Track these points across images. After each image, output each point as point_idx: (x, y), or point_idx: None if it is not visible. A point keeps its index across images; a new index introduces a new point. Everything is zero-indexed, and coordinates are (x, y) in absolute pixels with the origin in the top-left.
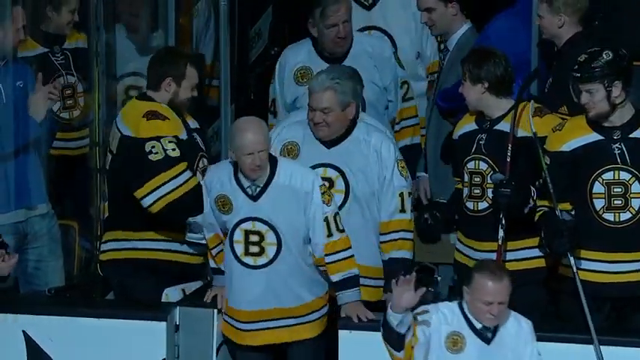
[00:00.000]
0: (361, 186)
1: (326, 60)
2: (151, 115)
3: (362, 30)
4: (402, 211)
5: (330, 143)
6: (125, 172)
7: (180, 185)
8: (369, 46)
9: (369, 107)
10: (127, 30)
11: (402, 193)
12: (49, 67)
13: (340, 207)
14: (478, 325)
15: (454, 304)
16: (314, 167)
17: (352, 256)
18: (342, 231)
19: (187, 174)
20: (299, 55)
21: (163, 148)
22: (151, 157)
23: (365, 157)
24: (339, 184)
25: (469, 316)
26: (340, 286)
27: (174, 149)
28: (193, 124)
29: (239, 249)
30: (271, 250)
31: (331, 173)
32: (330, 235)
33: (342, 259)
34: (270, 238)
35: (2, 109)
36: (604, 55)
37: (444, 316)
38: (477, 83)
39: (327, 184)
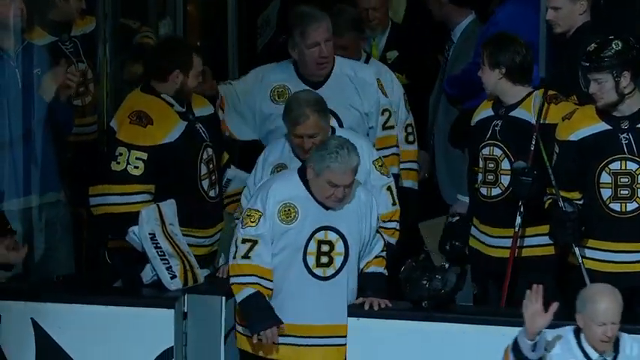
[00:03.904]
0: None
1: (306, 82)
2: (135, 118)
3: None
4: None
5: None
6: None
7: (123, 204)
8: (351, 70)
9: None
10: None
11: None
12: (59, 56)
13: (340, 268)
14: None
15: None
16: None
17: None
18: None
19: (137, 197)
20: (279, 74)
21: (127, 161)
22: (113, 164)
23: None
24: (339, 247)
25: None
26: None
27: (136, 167)
28: (201, 111)
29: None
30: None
31: (331, 236)
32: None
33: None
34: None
35: (17, 94)
36: (613, 45)
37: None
38: (494, 68)
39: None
